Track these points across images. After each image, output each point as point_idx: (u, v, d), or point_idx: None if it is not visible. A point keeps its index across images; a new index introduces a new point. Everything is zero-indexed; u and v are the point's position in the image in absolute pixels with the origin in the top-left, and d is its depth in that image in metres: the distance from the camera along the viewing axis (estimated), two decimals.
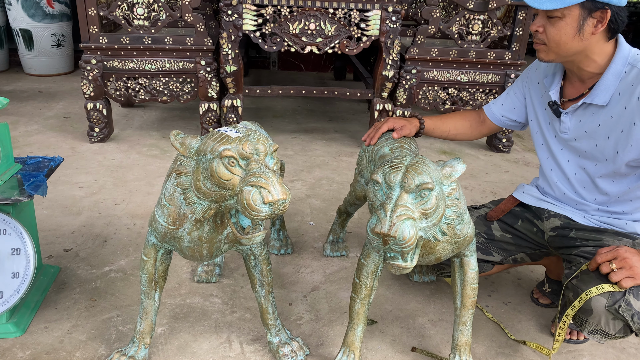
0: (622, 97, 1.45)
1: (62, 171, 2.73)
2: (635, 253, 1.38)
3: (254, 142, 1.15)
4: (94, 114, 3.08)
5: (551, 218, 1.68)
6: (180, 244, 1.34)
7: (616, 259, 1.37)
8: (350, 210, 2.03)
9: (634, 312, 1.34)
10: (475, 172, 3.03)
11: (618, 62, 1.45)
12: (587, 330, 1.43)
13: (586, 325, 1.43)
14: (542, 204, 1.71)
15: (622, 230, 1.56)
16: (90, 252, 2.04)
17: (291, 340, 1.57)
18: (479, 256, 1.70)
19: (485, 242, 1.73)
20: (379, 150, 1.60)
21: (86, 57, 2.95)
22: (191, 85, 3.08)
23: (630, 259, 1.36)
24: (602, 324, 1.39)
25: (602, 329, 1.40)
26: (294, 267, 2.04)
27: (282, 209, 1.12)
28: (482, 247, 1.72)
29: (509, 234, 1.74)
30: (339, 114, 4.04)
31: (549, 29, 1.42)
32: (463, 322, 1.49)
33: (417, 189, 1.16)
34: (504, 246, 1.74)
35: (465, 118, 1.89)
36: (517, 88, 1.79)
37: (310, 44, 2.97)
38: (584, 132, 1.54)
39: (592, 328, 1.42)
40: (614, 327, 1.39)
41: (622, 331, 1.39)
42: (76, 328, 1.64)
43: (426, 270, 1.99)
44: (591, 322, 1.41)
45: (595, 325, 1.41)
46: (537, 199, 1.73)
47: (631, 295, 1.35)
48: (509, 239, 1.74)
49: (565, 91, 1.60)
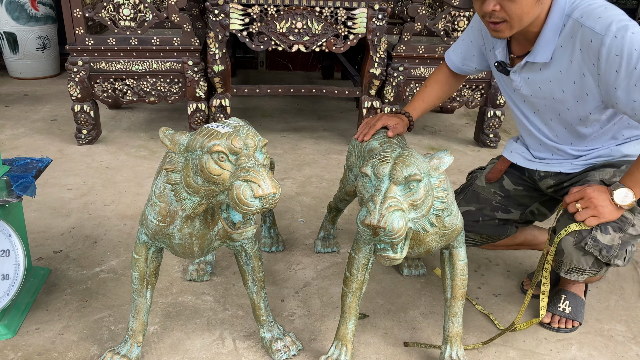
0: (565, 51, 1.43)
1: (51, 173, 2.72)
2: (603, 191, 1.41)
3: (243, 137, 1.16)
4: (82, 116, 3.06)
5: (543, 179, 1.69)
6: (171, 241, 1.34)
7: (583, 199, 1.42)
8: (341, 206, 2.04)
9: (602, 247, 1.43)
10: (463, 167, 3.06)
11: (555, 16, 1.41)
12: (564, 271, 1.51)
13: (562, 266, 1.51)
14: (531, 165, 1.70)
15: (610, 159, 1.55)
16: (80, 254, 2.04)
17: (284, 336, 1.57)
18: (500, 216, 1.74)
19: (503, 200, 1.75)
20: (367, 145, 1.61)
21: (72, 58, 2.94)
22: (179, 86, 3.07)
23: (595, 198, 1.39)
24: (574, 262, 1.47)
25: (576, 267, 1.49)
26: (285, 264, 2.05)
27: (272, 203, 1.13)
28: (500, 205, 1.74)
29: (520, 185, 1.76)
30: (328, 112, 4.06)
31: (508, 6, 1.35)
32: (453, 313, 1.51)
33: (406, 180, 1.17)
34: (519, 200, 1.75)
35: (439, 83, 1.84)
36: (471, 35, 1.74)
37: (297, 42, 2.98)
38: (538, 88, 1.53)
39: (567, 268, 1.50)
40: (586, 262, 1.47)
41: (596, 265, 1.48)
42: (68, 329, 1.63)
43: (416, 264, 2.01)
44: (565, 262, 1.49)
45: (569, 264, 1.49)
46: (525, 159, 1.72)
47: (598, 231, 1.43)
48: (520, 191, 1.76)
49: (513, 47, 1.58)
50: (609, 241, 1.44)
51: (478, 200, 1.79)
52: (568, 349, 1.66)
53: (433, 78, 1.88)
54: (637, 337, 1.73)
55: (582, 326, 1.76)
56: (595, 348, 1.67)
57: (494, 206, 1.77)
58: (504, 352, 1.63)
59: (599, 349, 1.67)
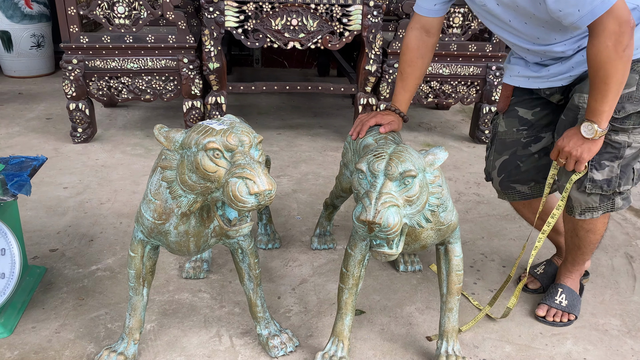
0: None
1: (46, 172, 2.71)
2: (572, 136, 1.49)
3: (239, 134, 1.16)
4: (77, 115, 3.06)
5: (551, 96, 1.69)
6: (167, 238, 1.34)
7: (561, 154, 1.53)
8: (337, 203, 2.04)
9: (600, 184, 1.56)
10: (458, 163, 3.07)
11: None
12: (578, 213, 1.63)
13: (574, 210, 1.63)
14: (534, 85, 1.69)
15: None
16: (76, 252, 2.03)
17: (280, 332, 1.58)
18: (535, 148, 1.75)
19: (529, 132, 1.75)
20: (362, 141, 1.61)
21: (67, 57, 2.93)
22: (174, 84, 3.07)
23: (569, 147, 1.50)
24: (583, 204, 1.60)
25: (588, 207, 1.61)
26: (282, 261, 2.05)
27: (268, 200, 1.13)
28: (530, 138, 1.75)
29: (536, 107, 1.74)
30: (324, 109, 4.06)
31: None
32: (449, 308, 1.52)
33: (401, 176, 1.18)
34: (543, 122, 1.74)
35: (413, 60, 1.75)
36: None
37: (292, 39, 2.97)
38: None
39: (579, 210, 1.62)
40: (594, 201, 1.59)
41: (604, 199, 1.59)
42: (64, 327, 1.63)
43: (412, 260, 2.01)
44: (575, 206, 1.62)
45: (579, 207, 1.61)
46: (527, 80, 1.71)
47: (593, 170, 1.55)
48: (539, 112, 1.74)
49: None
50: (607, 174, 1.54)
51: (507, 146, 1.78)
52: (563, 344, 1.67)
53: (406, 59, 1.77)
54: (631, 331, 1.74)
55: (577, 320, 1.77)
56: (590, 342, 1.68)
57: (524, 143, 1.76)
58: (500, 347, 1.64)
59: (594, 343, 1.68)
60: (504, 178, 1.81)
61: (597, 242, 1.73)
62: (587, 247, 1.74)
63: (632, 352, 1.64)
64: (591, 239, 1.70)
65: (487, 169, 1.88)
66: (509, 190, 1.84)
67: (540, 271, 1.96)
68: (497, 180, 1.84)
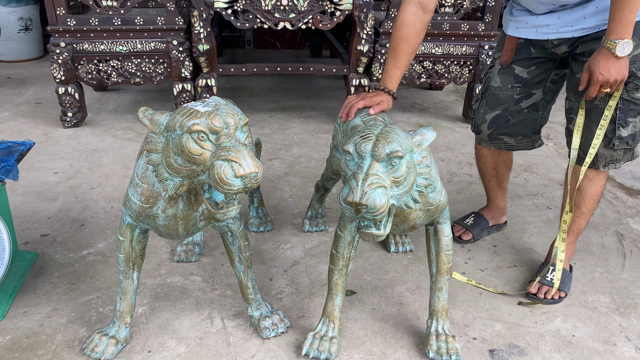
0: None
1: (36, 157, 2.69)
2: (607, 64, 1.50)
3: (224, 116, 1.14)
4: (66, 99, 3.02)
5: (557, 47, 1.74)
6: (155, 222, 1.34)
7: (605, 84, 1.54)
8: (328, 185, 2.04)
9: (626, 139, 1.65)
10: (451, 144, 3.06)
11: None
12: (602, 165, 1.72)
13: (598, 162, 1.71)
14: (541, 35, 1.73)
15: None
16: (67, 237, 2.03)
17: (272, 314, 1.59)
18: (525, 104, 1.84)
19: (522, 89, 1.83)
20: (351, 123, 1.60)
21: (54, 40, 2.89)
22: (164, 66, 3.03)
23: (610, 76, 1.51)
24: (608, 158, 1.70)
25: (611, 160, 1.71)
26: (273, 243, 2.05)
27: (254, 183, 1.13)
28: (522, 95, 1.84)
29: (532, 66, 1.81)
30: (316, 91, 4.03)
31: None
32: (439, 288, 1.52)
33: (388, 157, 1.17)
34: (537, 79, 1.83)
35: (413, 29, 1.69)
36: None
37: (283, 20, 2.94)
38: None
39: (603, 163, 1.71)
40: (618, 155, 1.70)
41: (628, 152, 1.70)
42: (56, 312, 1.64)
43: (403, 241, 2.02)
44: (600, 159, 1.70)
45: (604, 160, 1.71)
46: (534, 30, 1.74)
47: (620, 128, 1.63)
48: (534, 70, 1.82)
49: None
50: (632, 130, 1.65)
51: (500, 102, 1.87)
52: (552, 321, 1.68)
53: (400, 34, 1.72)
54: (620, 308, 1.75)
55: (567, 298, 1.79)
56: (579, 319, 1.70)
57: (516, 99, 1.85)
58: (490, 325, 1.65)
59: (583, 320, 1.70)
60: (493, 131, 1.91)
61: (597, 199, 1.81)
62: (588, 204, 1.80)
63: (620, 329, 1.66)
64: (593, 192, 1.78)
65: (477, 121, 1.95)
66: (496, 141, 1.95)
67: (470, 222, 2.11)
68: (487, 133, 1.93)
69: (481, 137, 1.98)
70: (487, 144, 1.99)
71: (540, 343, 1.59)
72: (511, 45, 1.83)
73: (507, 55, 1.84)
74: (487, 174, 2.07)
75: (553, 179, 2.69)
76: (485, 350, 1.55)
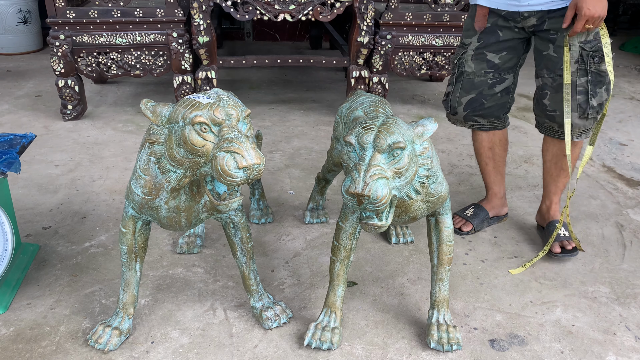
0: None
1: (37, 150, 2.69)
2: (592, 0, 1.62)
3: (226, 108, 1.15)
4: (66, 91, 3.02)
5: (527, 19, 1.84)
6: (157, 214, 1.34)
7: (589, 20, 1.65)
8: (329, 177, 2.04)
9: (597, 108, 1.82)
10: (452, 136, 3.06)
11: None
12: (575, 136, 1.88)
13: (573, 132, 1.86)
14: (512, 7, 1.83)
15: None
16: (69, 229, 2.04)
17: (274, 305, 1.60)
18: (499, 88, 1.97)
19: (495, 74, 1.96)
20: (352, 114, 1.61)
21: (54, 32, 2.88)
22: (164, 58, 3.03)
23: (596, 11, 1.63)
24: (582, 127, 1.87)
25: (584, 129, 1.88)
26: (275, 235, 2.06)
27: (257, 174, 1.13)
28: (495, 79, 1.96)
29: (503, 51, 1.93)
30: (317, 83, 4.02)
31: None
32: (440, 278, 1.53)
33: (390, 148, 1.18)
34: (508, 65, 1.96)
35: None
36: None
37: (283, 11, 2.93)
38: None
39: (577, 133, 1.88)
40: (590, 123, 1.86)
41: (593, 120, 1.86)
42: (59, 303, 1.65)
43: (404, 232, 2.02)
44: (575, 129, 1.86)
45: (578, 130, 1.87)
46: (505, 2, 1.84)
47: (592, 98, 1.80)
48: (505, 55, 1.94)
49: None
50: (599, 100, 1.82)
51: (475, 86, 1.99)
52: (553, 311, 1.69)
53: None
54: (620, 298, 1.77)
55: (567, 288, 1.80)
56: (579, 309, 1.71)
57: (490, 84, 1.97)
58: (491, 316, 1.66)
59: (583, 310, 1.71)
60: (469, 113, 2.04)
61: (575, 161, 1.97)
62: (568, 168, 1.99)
63: (620, 319, 1.67)
64: (575, 156, 1.95)
65: (452, 104, 2.06)
66: (470, 122, 2.08)
67: (469, 213, 2.13)
68: (462, 115, 2.06)
69: (456, 118, 2.09)
70: (462, 124, 2.12)
71: (540, 333, 1.60)
72: (483, 11, 1.91)
73: (481, 22, 1.92)
74: (483, 156, 2.13)
75: None
76: (485, 340, 1.57)
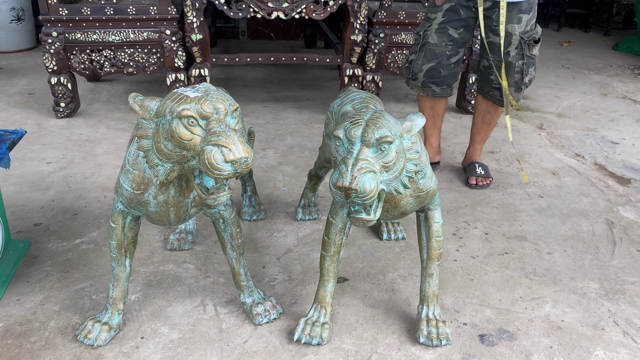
0: None
1: (29, 147, 2.69)
2: None
3: (213, 102, 1.15)
4: (59, 89, 3.01)
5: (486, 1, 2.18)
6: (146, 208, 1.34)
7: None
8: (321, 173, 2.04)
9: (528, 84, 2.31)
10: (444, 134, 3.07)
11: None
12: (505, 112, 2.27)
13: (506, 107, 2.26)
14: None
15: None
16: (60, 226, 2.03)
17: (264, 300, 1.60)
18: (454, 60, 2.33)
19: (453, 47, 2.30)
20: (341, 109, 1.61)
21: (46, 29, 2.87)
22: (157, 56, 3.02)
23: None
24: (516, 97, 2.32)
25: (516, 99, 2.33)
26: (267, 231, 2.06)
27: (244, 168, 1.13)
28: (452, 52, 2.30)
29: (461, 28, 2.28)
30: (311, 81, 4.03)
31: None
32: (430, 274, 1.54)
33: (377, 142, 1.18)
34: (462, 41, 2.32)
35: None
36: None
37: (276, 9, 2.93)
38: None
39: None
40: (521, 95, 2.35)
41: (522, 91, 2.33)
42: (49, 299, 1.64)
43: (395, 228, 2.03)
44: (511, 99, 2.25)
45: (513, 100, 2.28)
46: None
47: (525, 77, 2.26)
48: (462, 32, 2.29)
49: None
50: (529, 77, 2.27)
51: (435, 56, 2.32)
52: (542, 307, 1.70)
53: None
54: (609, 294, 1.78)
55: (557, 284, 1.81)
56: (568, 305, 1.72)
57: (448, 55, 2.32)
58: (480, 311, 1.67)
59: (572, 305, 1.71)
60: (427, 79, 2.37)
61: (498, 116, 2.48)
62: (493, 122, 2.50)
63: (609, 314, 1.68)
64: (498, 113, 2.45)
65: (414, 70, 2.38)
66: (426, 88, 2.40)
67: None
68: (421, 80, 2.38)
69: (415, 84, 2.42)
70: (418, 90, 2.44)
71: (529, 328, 1.61)
72: None
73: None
74: (425, 114, 2.48)
75: (545, 168, 2.71)
76: (475, 335, 1.57)
